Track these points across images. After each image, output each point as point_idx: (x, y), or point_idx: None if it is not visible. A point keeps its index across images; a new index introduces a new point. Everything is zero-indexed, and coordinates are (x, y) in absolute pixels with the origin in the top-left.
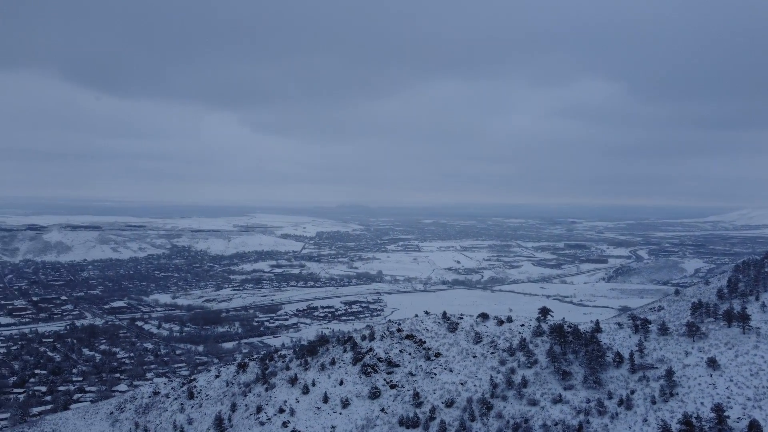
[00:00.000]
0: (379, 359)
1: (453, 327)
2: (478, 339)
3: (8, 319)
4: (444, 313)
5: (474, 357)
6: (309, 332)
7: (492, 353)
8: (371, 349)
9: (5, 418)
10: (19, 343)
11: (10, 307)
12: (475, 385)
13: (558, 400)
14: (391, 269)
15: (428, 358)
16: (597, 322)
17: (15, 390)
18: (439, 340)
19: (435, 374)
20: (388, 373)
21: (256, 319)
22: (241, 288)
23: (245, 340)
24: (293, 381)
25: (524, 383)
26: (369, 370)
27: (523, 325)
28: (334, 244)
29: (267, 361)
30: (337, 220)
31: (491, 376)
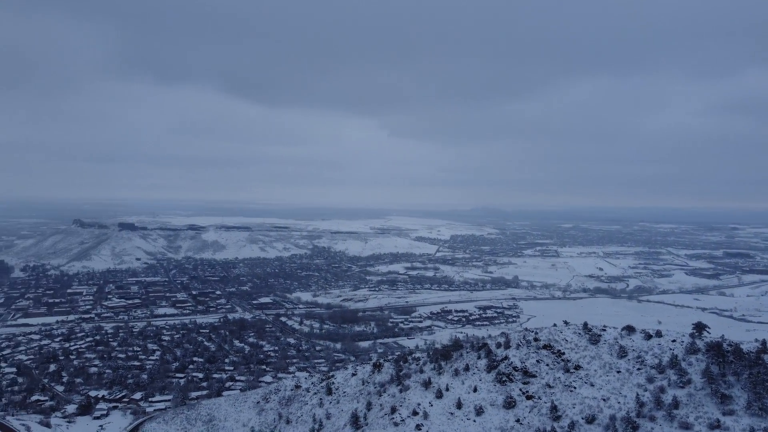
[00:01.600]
0: (515, 368)
1: (595, 339)
2: (622, 353)
3: (172, 310)
4: (585, 324)
5: (618, 372)
6: (442, 335)
7: (638, 369)
8: (506, 357)
9: (169, 400)
10: (181, 332)
11: (174, 299)
12: (618, 402)
13: (716, 425)
14: (528, 275)
15: (567, 371)
16: (764, 342)
17: (177, 375)
18: (579, 352)
19: (574, 387)
20: (524, 383)
21: (390, 320)
22: (376, 289)
23: (380, 340)
24: (427, 384)
25: (675, 404)
26: (504, 379)
27: (674, 341)
28: (468, 247)
29: (401, 363)
30: (471, 224)
31: (637, 394)
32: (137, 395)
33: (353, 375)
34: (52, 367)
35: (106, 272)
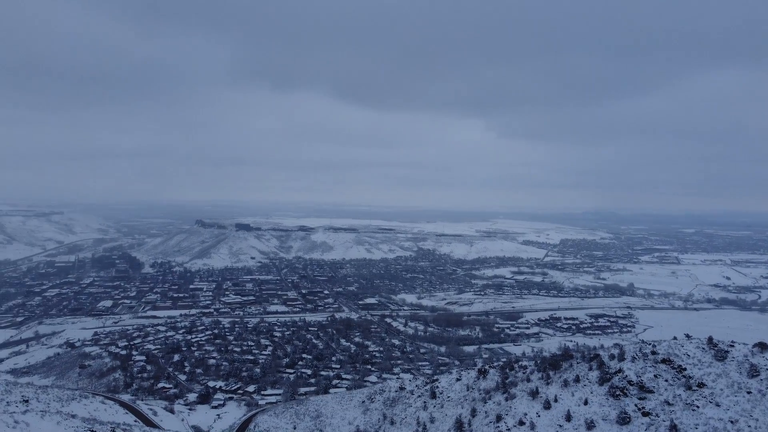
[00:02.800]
0: (630, 382)
1: (721, 355)
2: (754, 372)
3: (283, 308)
4: (710, 338)
5: (748, 393)
6: (550, 344)
7: None
8: (620, 370)
9: (279, 394)
10: (291, 329)
11: (285, 297)
12: (749, 426)
13: None
14: (645, 282)
15: (689, 388)
16: None
17: (287, 370)
18: (702, 369)
19: (697, 407)
20: (640, 399)
21: (496, 325)
22: (482, 293)
23: (485, 346)
24: (534, 394)
25: None
26: (618, 393)
27: None
28: (579, 252)
29: (507, 371)
30: (582, 227)
31: None
32: (251, 388)
33: (458, 380)
34: (176, 357)
35: (224, 270)
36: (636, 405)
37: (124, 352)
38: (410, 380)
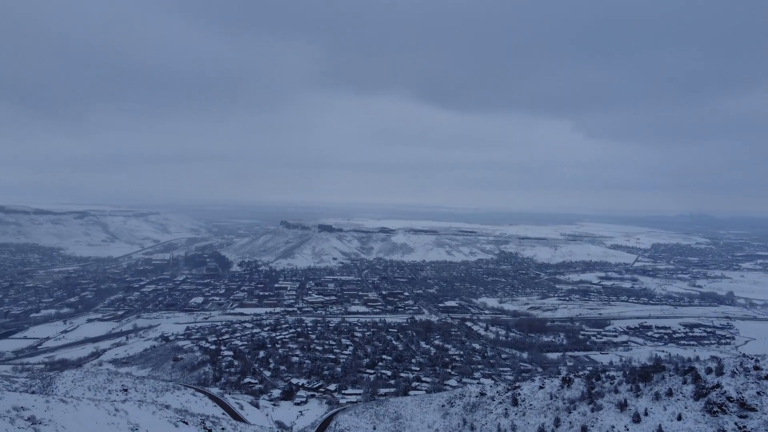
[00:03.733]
0: (729, 398)
1: None
2: None
3: (364, 308)
4: None
5: None
6: (640, 353)
7: None
8: (718, 385)
9: (359, 394)
10: (371, 329)
11: (366, 298)
12: None
13: None
14: (746, 291)
15: None
16: None
17: (367, 371)
18: None
19: None
20: (741, 417)
21: (581, 332)
22: (566, 298)
23: (570, 353)
24: (622, 406)
25: None
26: (715, 410)
27: None
28: (672, 258)
29: (593, 380)
30: (676, 231)
31: None
32: (332, 386)
33: (540, 388)
34: (261, 354)
35: (307, 270)
36: (736, 424)
37: (213, 347)
38: (491, 386)
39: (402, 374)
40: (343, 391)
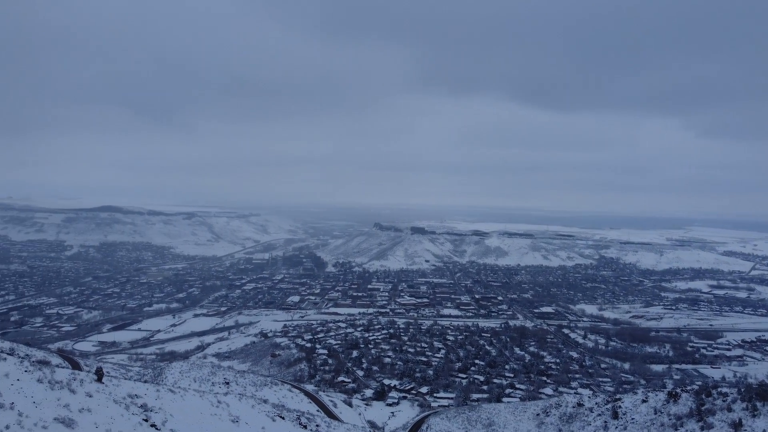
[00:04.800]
0: None
1: None
2: None
3: (456, 312)
4: None
5: None
6: (758, 369)
7: None
8: None
9: (451, 398)
10: (464, 333)
11: (458, 301)
12: None
13: None
14: None
15: None
16: None
17: (459, 375)
18: None
19: None
20: None
21: (690, 344)
22: (673, 307)
23: (676, 366)
24: (736, 426)
25: None
26: None
27: None
28: None
29: (703, 396)
30: None
31: None
32: (424, 389)
33: (643, 401)
34: (355, 354)
35: (399, 271)
36: None
37: (309, 345)
38: (589, 396)
39: (495, 380)
40: (434, 394)
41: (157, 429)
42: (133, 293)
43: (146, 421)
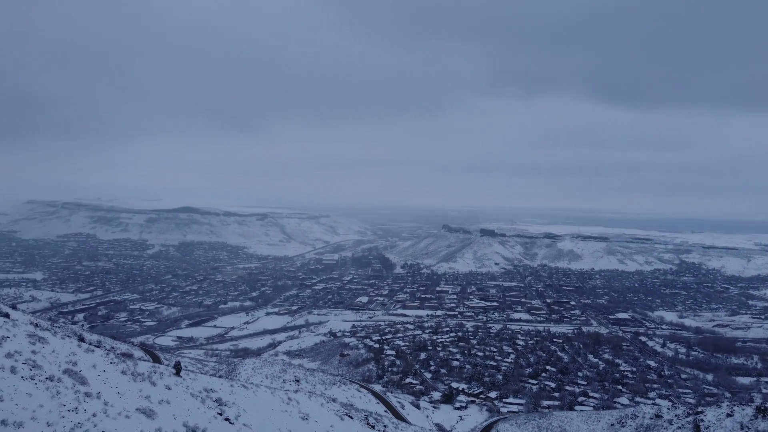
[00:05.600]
0: None
1: None
2: None
3: (526, 316)
4: None
5: None
6: None
7: None
8: None
9: (521, 404)
10: (534, 338)
11: (528, 305)
12: None
13: None
14: None
15: None
16: None
17: (529, 380)
18: None
19: None
20: None
21: None
22: (762, 316)
23: (766, 379)
24: None
25: None
26: None
27: None
28: None
29: None
30: None
31: None
32: (492, 394)
33: (728, 415)
34: (422, 356)
35: (468, 274)
36: None
37: (377, 346)
38: (668, 408)
39: (567, 387)
40: (504, 400)
41: (230, 423)
42: (209, 291)
43: (220, 414)
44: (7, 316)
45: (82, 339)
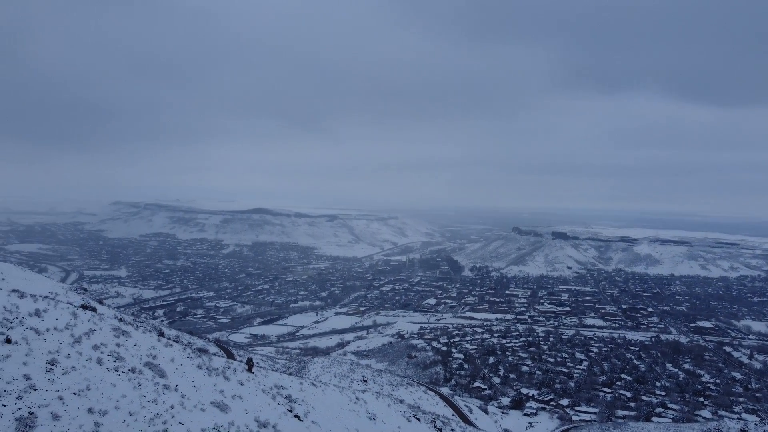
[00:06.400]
0: None
1: None
2: None
3: (601, 322)
4: None
5: None
6: None
7: None
8: None
9: (594, 413)
10: (609, 345)
11: (603, 311)
12: None
13: None
14: None
15: None
16: None
17: (603, 389)
18: None
19: None
20: None
21: None
22: None
23: None
24: None
25: None
26: None
27: None
28: None
29: None
30: None
31: None
32: (564, 401)
33: None
34: (491, 360)
35: (539, 278)
36: None
37: (444, 348)
38: (756, 423)
39: (644, 397)
40: (576, 408)
41: (300, 420)
42: (280, 290)
43: (290, 411)
44: (94, 310)
45: (161, 334)
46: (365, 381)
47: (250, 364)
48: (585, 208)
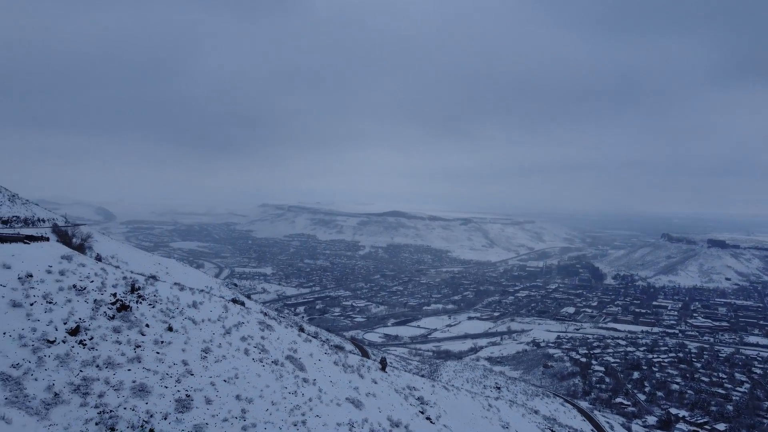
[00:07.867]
0: None
1: None
2: None
3: (765, 341)
4: None
5: None
6: None
7: None
8: None
9: None
10: None
11: None
12: None
13: None
14: None
15: None
16: None
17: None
18: None
19: None
20: None
21: None
22: None
23: None
24: None
25: None
26: None
27: None
28: None
29: None
30: None
31: None
32: (720, 426)
33: None
34: (635, 375)
35: (692, 289)
36: None
37: (584, 360)
38: None
39: None
40: None
41: (431, 422)
42: (413, 292)
43: (422, 413)
44: (242, 304)
45: (301, 329)
46: (498, 388)
47: (383, 364)
48: (749, 214)
